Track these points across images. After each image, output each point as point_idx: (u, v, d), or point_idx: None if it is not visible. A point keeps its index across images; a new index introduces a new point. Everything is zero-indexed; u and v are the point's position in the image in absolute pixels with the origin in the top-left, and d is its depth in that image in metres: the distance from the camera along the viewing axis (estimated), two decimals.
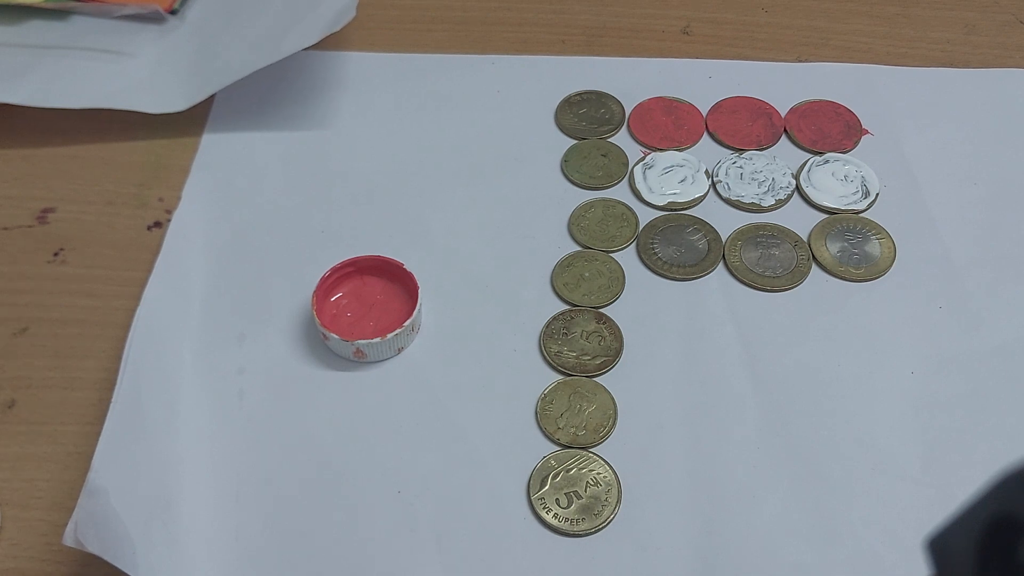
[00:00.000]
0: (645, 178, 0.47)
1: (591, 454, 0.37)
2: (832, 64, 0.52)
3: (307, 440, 0.37)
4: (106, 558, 0.31)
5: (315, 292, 0.40)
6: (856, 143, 0.48)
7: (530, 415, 0.38)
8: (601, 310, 0.41)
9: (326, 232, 0.44)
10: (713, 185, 0.46)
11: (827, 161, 0.47)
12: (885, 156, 0.48)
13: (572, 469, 0.36)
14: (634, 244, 0.44)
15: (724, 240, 0.44)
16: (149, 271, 0.42)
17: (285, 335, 0.41)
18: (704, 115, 0.50)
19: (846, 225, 0.44)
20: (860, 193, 0.46)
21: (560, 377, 0.39)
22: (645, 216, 0.45)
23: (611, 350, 0.40)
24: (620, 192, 0.46)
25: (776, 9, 0.56)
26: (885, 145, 0.48)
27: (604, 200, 0.46)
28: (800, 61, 0.53)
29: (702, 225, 0.44)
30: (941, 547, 0.20)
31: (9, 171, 0.47)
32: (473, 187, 0.46)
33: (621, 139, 0.49)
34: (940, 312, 0.41)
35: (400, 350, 0.40)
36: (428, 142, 0.48)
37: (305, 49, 0.47)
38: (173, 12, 0.52)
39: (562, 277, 0.42)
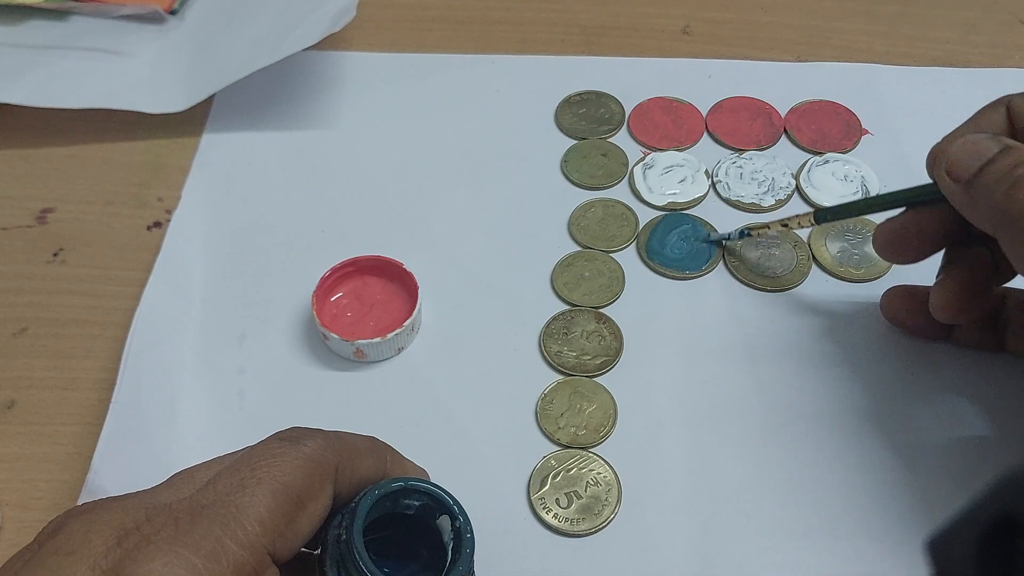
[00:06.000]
0: (645, 178, 0.47)
1: (591, 454, 0.37)
2: (832, 64, 0.52)
3: None
4: None
5: (315, 292, 0.40)
6: (856, 143, 0.48)
7: (530, 415, 0.38)
8: (601, 310, 0.41)
9: (326, 232, 0.44)
10: (713, 185, 0.46)
11: (827, 161, 0.47)
12: (885, 156, 0.48)
13: (572, 469, 0.36)
14: (634, 244, 0.44)
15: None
16: (149, 271, 0.42)
17: (285, 335, 0.41)
18: (704, 115, 0.50)
19: (846, 225, 0.44)
20: (860, 193, 0.46)
21: (560, 377, 0.39)
22: (645, 216, 0.45)
23: (611, 350, 0.40)
24: (620, 192, 0.46)
25: (776, 9, 0.56)
26: (885, 145, 0.48)
27: (604, 200, 0.46)
28: (800, 61, 0.53)
29: (702, 225, 0.44)
30: (941, 547, 0.20)
31: (9, 171, 0.47)
32: (473, 187, 0.46)
33: (621, 139, 0.49)
34: None
35: (400, 350, 0.40)
36: (428, 142, 0.48)
37: (305, 49, 0.47)
38: (173, 12, 0.52)
39: (562, 277, 0.42)
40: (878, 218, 0.38)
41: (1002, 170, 0.31)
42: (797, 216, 0.41)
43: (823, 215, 0.40)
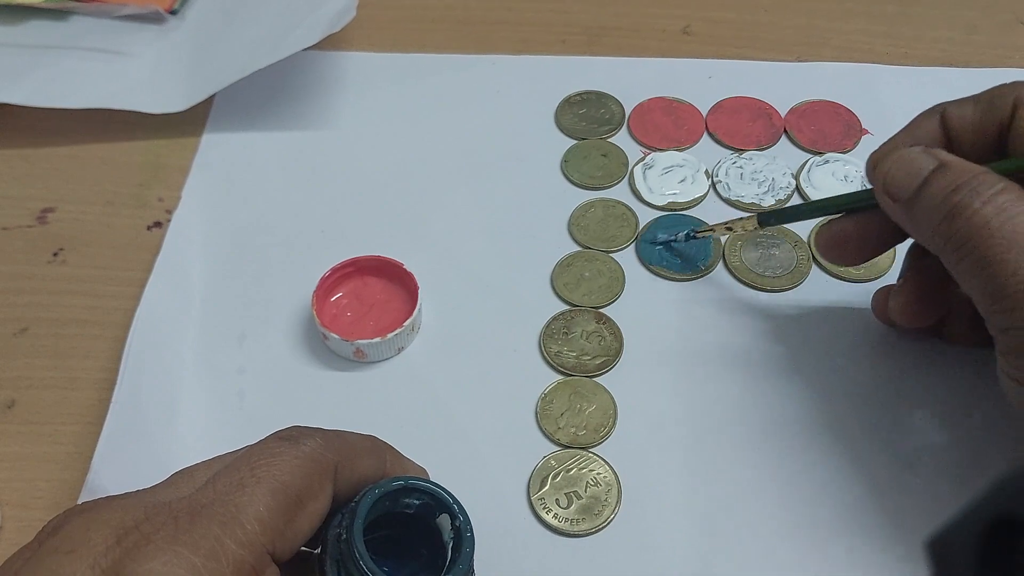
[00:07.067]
0: (645, 178, 0.47)
1: (591, 454, 0.37)
2: (832, 64, 0.52)
3: None
4: None
5: (315, 292, 0.40)
6: (856, 143, 0.48)
7: (530, 415, 0.38)
8: (601, 310, 0.41)
9: (326, 232, 0.44)
10: (713, 185, 0.46)
11: (827, 161, 0.47)
12: None
13: (572, 469, 0.36)
14: (634, 244, 0.44)
15: (724, 240, 0.44)
16: (149, 271, 0.42)
17: (285, 335, 0.41)
18: (704, 115, 0.50)
19: None
20: None
21: (560, 377, 0.39)
22: (645, 216, 0.45)
23: (611, 350, 0.40)
24: (620, 192, 0.46)
25: (776, 9, 0.56)
26: None
27: (604, 200, 0.46)
28: (800, 61, 0.53)
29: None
30: (941, 547, 0.20)
31: (9, 171, 0.47)
32: (473, 187, 0.46)
33: (621, 139, 0.49)
34: None
35: (400, 350, 0.40)
36: (428, 142, 0.48)
37: (305, 49, 0.47)
38: (173, 12, 0.52)
39: (562, 277, 0.42)
40: None
41: (939, 195, 0.31)
42: (741, 219, 0.41)
43: (767, 218, 0.40)
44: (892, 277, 0.42)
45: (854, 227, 0.37)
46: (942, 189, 0.31)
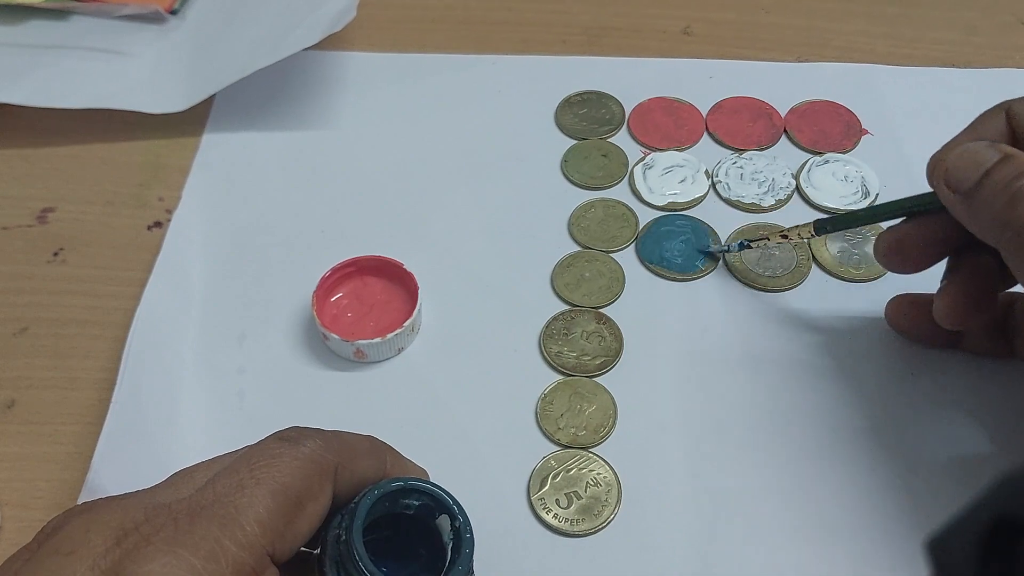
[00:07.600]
0: (645, 178, 0.47)
1: (591, 454, 0.37)
2: (832, 64, 0.52)
3: None
4: None
5: (315, 292, 0.40)
6: (856, 143, 0.48)
7: (530, 415, 0.38)
8: (601, 310, 0.41)
9: (326, 232, 0.44)
10: (713, 185, 0.46)
11: (827, 161, 0.47)
12: (885, 156, 0.48)
13: (572, 469, 0.36)
14: (634, 244, 0.44)
15: (724, 240, 0.44)
16: (149, 271, 0.42)
17: (285, 335, 0.41)
18: (704, 115, 0.50)
19: None
20: (860, 193, 0.46)
21: (560, 377, 0.39)
22: (645, 216, 0.45)
23: (611, 350, 0.40)
24: (620, 192, 0.46)
25: (777, 9, 0.56)
26: (885, 145, 0.48)
27: (604, 200, 0.46)
28: (800, 61, 0.53)
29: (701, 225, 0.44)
30: (941, 548, 0.20)
31: (9, 171, 0.47)
32: (473, 187, 0.46)
33: (621, 139, 0.49)
34: None
35: (400, 350, 0.40)
36: (428, 142, 0.48)
37: (305, 49, 0.47)
38: (173, 12, 0.52)
39: (562, 277, 0.42)
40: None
41: (1001, 182, 0.31)
42: (797, 227, 0.40)
43: (823, 226, 0.39)
44: (891, 278, 0.42)
45: (916, 231, 0.36)
46: (1004, 177, 0.31)
